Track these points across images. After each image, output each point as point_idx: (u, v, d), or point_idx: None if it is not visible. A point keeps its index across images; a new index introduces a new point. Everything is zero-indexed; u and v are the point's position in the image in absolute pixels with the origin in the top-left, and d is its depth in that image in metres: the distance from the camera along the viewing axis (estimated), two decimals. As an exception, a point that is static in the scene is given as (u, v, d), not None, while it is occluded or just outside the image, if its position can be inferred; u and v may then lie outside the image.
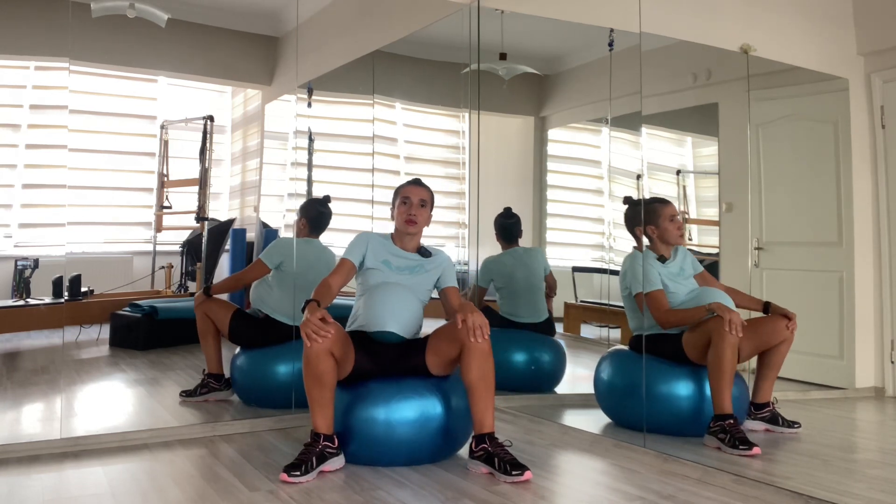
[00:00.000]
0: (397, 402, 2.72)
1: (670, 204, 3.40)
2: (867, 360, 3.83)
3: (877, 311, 3.85)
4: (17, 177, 4.33)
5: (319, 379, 2.61)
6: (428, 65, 4.61)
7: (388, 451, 2.71)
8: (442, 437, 2.76)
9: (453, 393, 2.81)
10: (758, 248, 3.94)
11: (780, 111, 4.02)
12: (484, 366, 2.65)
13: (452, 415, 2.77)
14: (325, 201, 3.91)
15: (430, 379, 2.82)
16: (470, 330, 2.62)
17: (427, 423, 2.72)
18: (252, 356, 3.58)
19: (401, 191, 3.01)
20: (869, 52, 4.00)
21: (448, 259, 3.05)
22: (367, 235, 3.01)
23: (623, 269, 3.40)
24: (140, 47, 4.38)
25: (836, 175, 3.96)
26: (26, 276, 4.23)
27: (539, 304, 4.17)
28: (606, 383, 3.39)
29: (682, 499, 2.42)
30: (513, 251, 4.23)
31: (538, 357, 4.07)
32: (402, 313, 2.84)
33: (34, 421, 3.33)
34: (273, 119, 4.77)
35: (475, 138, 4.20)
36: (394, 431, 2.69)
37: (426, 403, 2.74)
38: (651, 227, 3.34)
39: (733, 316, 2.95)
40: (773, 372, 3.20)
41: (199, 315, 3.62)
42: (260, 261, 3.65)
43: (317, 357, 2.58)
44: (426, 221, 3.01)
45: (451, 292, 2.99)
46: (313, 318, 2.58)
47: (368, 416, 2.71)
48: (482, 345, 2.64)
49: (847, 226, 3.89)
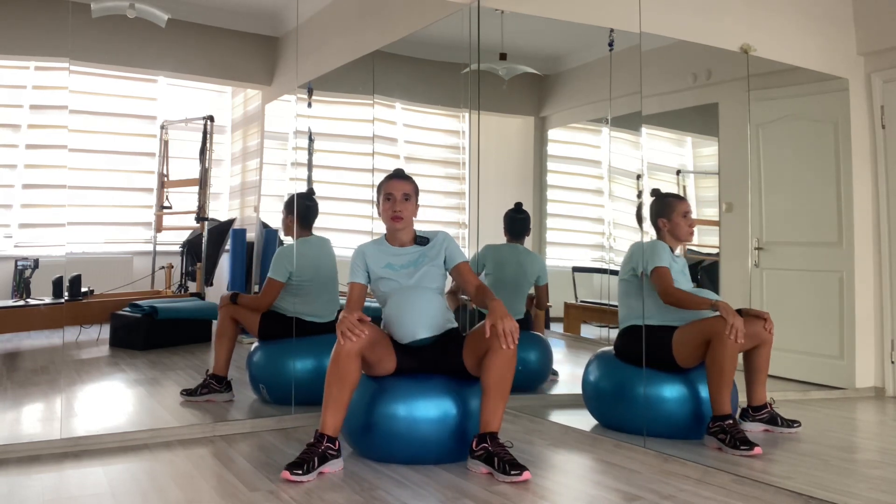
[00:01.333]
0: (414, 400, 2.74)
1: (685, 200, 3.38)
2: (867, 360, 3.83)
3: (877, 311, 3.85)
4: (17, 177, 4.33)
5: (343, 379, 2.62)
6: (428, 65, 4.61)
7: (408, 448, 2.74)
8: (458, 439, 2.77)
9: (473, 396, 2.82)
10: (758, 248, 3.94)
11: (780, 111, 4.02)
12: (505, 371, 2.65)
13: (471, 417, 2.79)
14: (310, 194, 3.91)
15: (458, 380, 2.84)
16: (500, 337, 2.61)
17: (446, 422, 2.74)
18: (268, 350, 3.60)
19: (383, 187, 2.99)
20: (869, 52, 3.99)
21: (446, 236, 3.02)
22: (361, 250, 3.01)
23: (631, 251, 3.38)
24: (140, 47, 4.38)
25: (836, 175, 3.96)
26: (26, 276, 4.23)
27: (517, 305, 4.14)
28: (593, 386, 3.40)
29: (681, 499, 2.42)
30: (514, 247, 4.23)
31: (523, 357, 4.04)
32: (426, 315, 2.86)
33: (34, 421, 3.33)
34: (273, 119, 4.77)
35: (475, 138, 4.20)
36: (416, 428, 2.71)
37: (444, 404, 2.76)
38: (663, 220, 3.33)
39: (737, 322, 2.93)
40: (761, 374, 3.18)
41: (224, 317, 3.64)
42: (270, 279, 3.66)
43: (347, 356, 2.61)
44: (413, 213, 2.99)
45: (463, 269, 2.96)
46: (350, 317, 2.63)
47: (388, 412, 2.74)
48: (508, 351, 2.64)
49: (847, 226, 3.89)
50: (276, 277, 3.65)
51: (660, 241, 3.30)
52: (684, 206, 3.34)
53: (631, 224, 4.04)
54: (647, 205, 3.46)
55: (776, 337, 3.17)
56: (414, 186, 3.00)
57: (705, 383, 3.02)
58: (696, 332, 3.05)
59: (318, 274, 3.73)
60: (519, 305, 4.16)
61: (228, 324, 3.65)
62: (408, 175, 3.04)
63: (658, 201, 3.38)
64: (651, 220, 3.37)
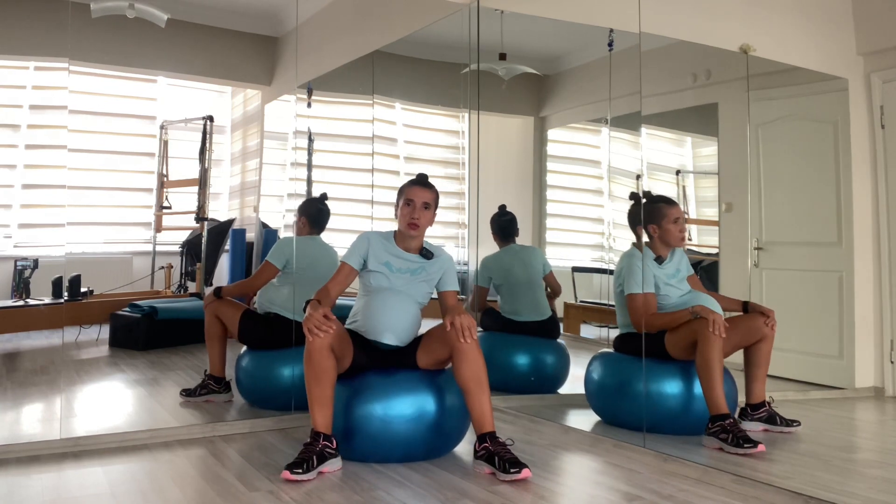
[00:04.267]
0: (393, 397, 2.74)
1: (676, 205, 3.38)
2: (867, 360, 3.83)
3: (877, 311, 3.85)
4: (16, 177, 4.33)
5: (319, 376, 2.62)
6: (428, 65, 4.61)
7: (384, 447, 2.73)
8: (436, 434, 2.78)
9: (448, 389, 2.83)
10: (757, 248, 3.94)
11: (780, 111, 4.02)
12: (474, 366, 2.66)
13: (447, 411, 2.79)
14: (323, 198, 3.93)
15: (426, 374, 2.85)
16: (458, 331, 2.65)
17: (422, 418, 2.74)
18: (256, 358, 3.58)
19: (405, 191, 2.97)
20: (869, 52, 3.99)
21: (449, 260, 3.04)
22: (367, 237, 2.99)
23: (619, 265, 3.40)
24: (140, 47, 4.37)
25: (835, 175, 3.96)
26: (26, 277, 4.22)
27: (540, 301, 4.16)
28: (597, 384, 3.41)
29: (681, 499, 2.42)
30: (509, 248, 4.23)
31: (539, 363, 4.06)
32: (400, 323, 2.88)
33: (34, 421, 3.33)
34: (273, 119, 4.77)
35: (475, 138, 4.21)
36: (390, 427, 2.71)
37: (422, 399, 2.76)
38: (653, 226, 3.33)
39: (716, 317, 2.98)
40: (760, 371, 3.18)
41: (209, 316, 3.63)
42: (268, 262, 3.65)
43: (319, 352, 2.61)
44: (429, 223, 2.98)
45: (449, 296, 2.99)
46: (316, 314, 2.62)
47: (365, 413, 2.73)
48: (471, 345, 2.66)
49: (847, 226, 3.89)
50: (273, 262, 3.64)
51: (636, 251, 3.31)
52: (675, 212, 3.32)
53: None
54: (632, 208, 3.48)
55: (776, 337, 3.18)
56: (435, 196, 2.98)
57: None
58: (684, 333, 3.10)
59: (313, 269, 3.67)
60: (542, 301, 4.17)
61: (214, 322, 3.61)
62: (431, 183, 3.01)
63: (648, 206, 3.38)
64: (642, 224, 3.37)
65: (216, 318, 3.61)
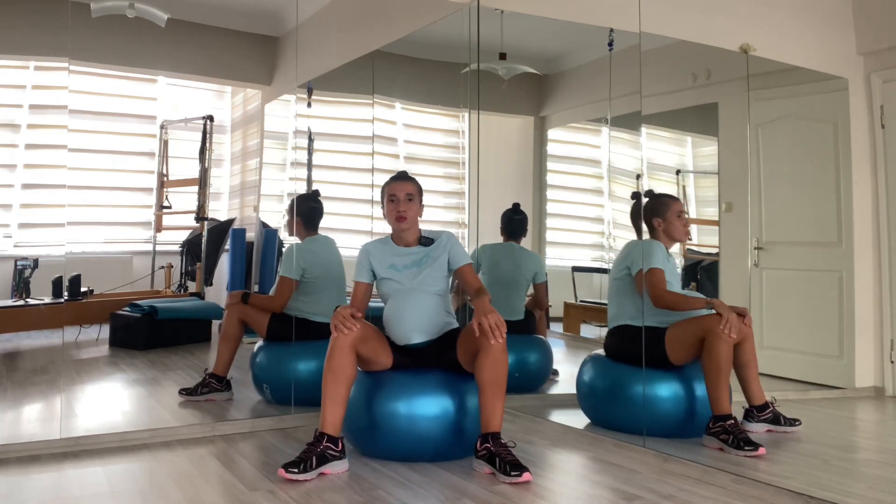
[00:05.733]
0: (416, 397, 2.76)
1: (679, 200, 3.41)
2: (867, 360, 3.83)
3: (876, 310, 3.85)
4: (16, 177, 4.33)
5: (336, 373, 2.64)
6: (428, 65, 4.61)
7: (408, 445, 2.75)
8: (457, 435, 2.78)
9: (470, 392, 2.82)
10: (757, 247, 3.94)
11: (780, 111, 4.02)
12: (497, 367, 2.65)
13: (469, 415, 2.79)
14: (315, 195, 3.91)
15: (456, 376, 2.86)
16: (486, 332, 2.63)
17: (445, 419, 2.76)
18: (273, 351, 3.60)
19: (386, 189, 3.01)
20: (869, 51, 3.99)
21: (450, 236, 3.03)
22: (366, 248, 3.03)
23: (626, 249, 3.38)
24: (140, 47, 4.38)
25: (835, 175, 3.96)
26: (26, 276, 4.23)
27: (516, 303, 4.12)
28: (587, 386, 3.40)
29: (681, 499, 2.42)
30: (509, 245, 4.22)
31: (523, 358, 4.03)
32: (420, 320, 2.90)
33: (34, 421, 3.33)
34: (273, 119, 4.77)
35: (475, 138, 4.21)
36: (415, 426, 2.73)
37: (444, 401, 2.78)
38: (658, 219, 3.32)
39: (732, 316, 2.94)
40: (751, 369, 3.15)
41: (231, 318, 3.61)
42: (283, 278, 3.63)
43: (340, 349, 2.64)
44: (417, 213, 3.00)
45: (466, 271, 2.97)
46: (343, 311, 2.69)
47: (388, 410, 2.75)
48: (497, 346, 2.64)
49: (847, 226, 3.89)
50: (289, 275, 3.62)
51: (655, 240, 3.30)
52: (678, 206, 3.35)
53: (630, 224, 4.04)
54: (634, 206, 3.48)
55: (776, 337, 3.18)
56: (417, 187, 3.01)
57: (701, 381, 3.01)
58: (690, 330, 3.05)
59: (328, 272, 3.71)
60: (517, 304, 4.15)
61: (236, 325, 3.61)
62: (410, 176, 3.05)
63: (652, 201, 3.39)
64: (645, 219, 3.37)
65: (239, 322, 3.60)
